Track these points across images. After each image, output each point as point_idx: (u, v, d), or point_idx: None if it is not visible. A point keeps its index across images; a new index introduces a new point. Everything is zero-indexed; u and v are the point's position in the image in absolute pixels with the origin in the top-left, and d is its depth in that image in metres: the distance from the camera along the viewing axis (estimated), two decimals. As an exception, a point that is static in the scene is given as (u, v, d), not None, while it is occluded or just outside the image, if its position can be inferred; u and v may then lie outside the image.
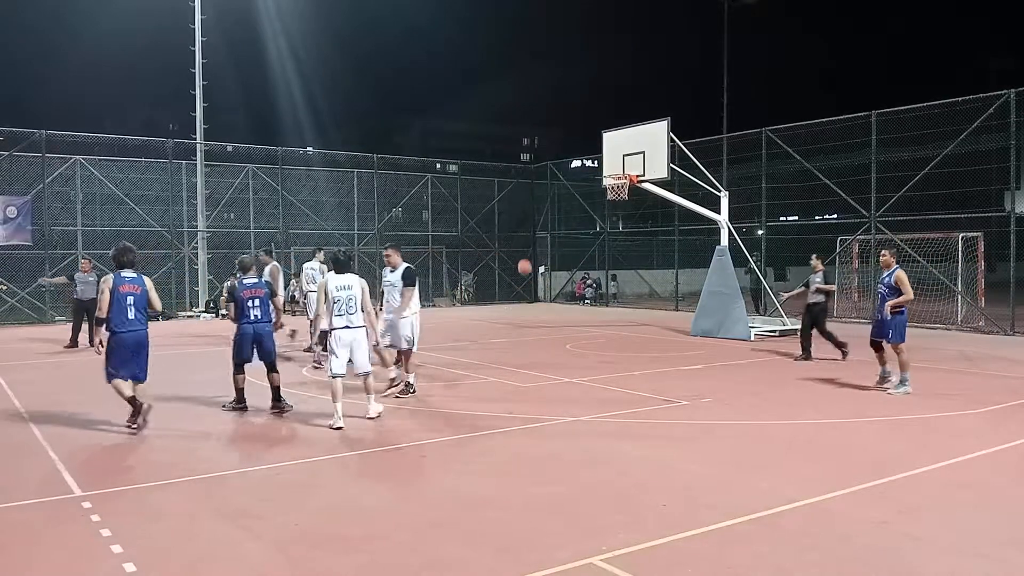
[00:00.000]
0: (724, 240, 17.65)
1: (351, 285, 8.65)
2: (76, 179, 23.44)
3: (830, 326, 13.70)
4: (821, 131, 21.16)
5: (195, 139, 25.17)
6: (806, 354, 13.34)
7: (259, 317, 9.22)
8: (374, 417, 8.66)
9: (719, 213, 17.95)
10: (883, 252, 10.61)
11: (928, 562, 4.76)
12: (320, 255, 14.28)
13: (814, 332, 13.31)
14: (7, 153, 22.06)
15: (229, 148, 27.98)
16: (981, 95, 18.05)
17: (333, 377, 8.55)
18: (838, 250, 21.44)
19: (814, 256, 13.74)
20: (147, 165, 24.97)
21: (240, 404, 9.29)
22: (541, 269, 31.44)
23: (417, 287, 10.27)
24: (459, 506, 5.88)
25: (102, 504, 5.88)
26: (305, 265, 14.72)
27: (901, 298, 10.06)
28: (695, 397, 10.06)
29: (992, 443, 7.60)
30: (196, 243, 25.11)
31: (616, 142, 18.32)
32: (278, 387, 9.23)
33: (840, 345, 13.16)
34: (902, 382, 10.16)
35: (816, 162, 21.84)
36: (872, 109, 19.91)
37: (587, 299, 29.15)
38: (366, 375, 8.76)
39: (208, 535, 5.31)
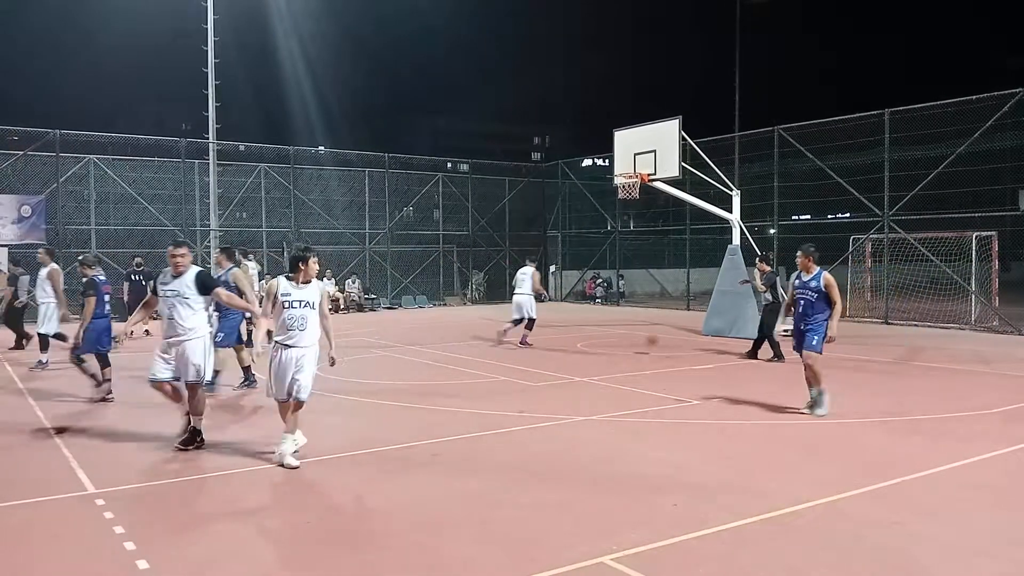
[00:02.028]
0: (736, 239, 17.60)
1: None
2: (90, 178, 23.61)
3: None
4: (834, 129, 20.96)
5: (207, 138, 25.26)
6: (776, 355, 13.44)
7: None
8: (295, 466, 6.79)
9: (731, 212, 17.89)
10: (802, 255, 9.08)
11: (940, 562, 4.74)
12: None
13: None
14: (21, 153, 22.24)
15: (241, 147, 28.12)
16: (995, 93, 17.88)
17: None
18: (851, 249, 21.33)
19: (757, 259, 14.40)
20: (160, 164, 25.16)
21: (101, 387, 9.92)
22: (552, 268, 31.42)
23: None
24: (469, 505, 5.89)
25: (115, 501, 5.92)
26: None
27: (836, 310, 8.85)
28: (706, 397, 10.03)
29: (1006, 444, 7.54)
30: (208, 242, 25.22)
31: (627, 141, 18.29)
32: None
33: (753, 350, 13.80)
34: (817, 402, 8.92)
35: (829, 160, 21.65)
36: (883, 108, 19.72)
37: (598, 298, 29.10)
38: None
39: (220, 533, 5.34)
